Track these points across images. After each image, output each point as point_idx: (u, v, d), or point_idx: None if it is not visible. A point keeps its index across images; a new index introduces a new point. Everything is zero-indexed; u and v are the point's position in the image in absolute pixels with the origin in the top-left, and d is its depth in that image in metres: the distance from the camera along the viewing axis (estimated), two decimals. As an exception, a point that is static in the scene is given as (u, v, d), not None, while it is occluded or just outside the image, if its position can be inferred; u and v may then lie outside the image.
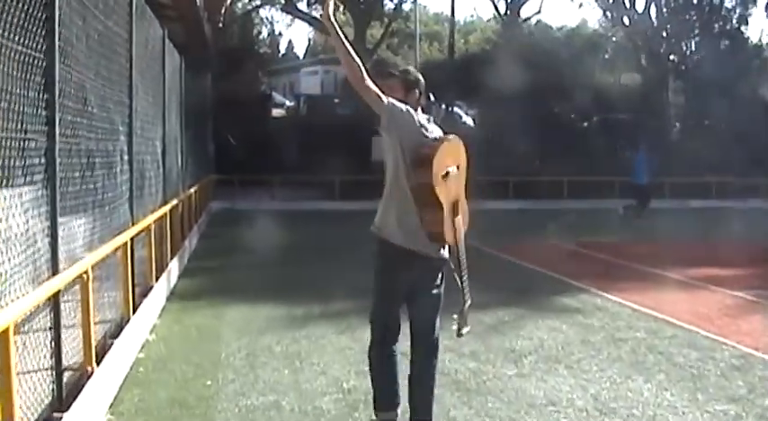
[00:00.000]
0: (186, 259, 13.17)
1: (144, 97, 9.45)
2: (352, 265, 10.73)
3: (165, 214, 10.54)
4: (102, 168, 6.84)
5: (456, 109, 38.95)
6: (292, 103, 45.33)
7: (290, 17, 45.14)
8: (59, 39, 5.18)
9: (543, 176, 28.59)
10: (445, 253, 5.00)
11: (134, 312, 7.47)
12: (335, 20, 4.71)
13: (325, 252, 15.09)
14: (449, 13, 34.90)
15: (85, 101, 6.15)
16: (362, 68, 4.70)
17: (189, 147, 16.89)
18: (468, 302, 5.11)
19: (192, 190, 16.17)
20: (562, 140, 30.77)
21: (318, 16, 5.26)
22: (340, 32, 4.70)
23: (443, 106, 37.71)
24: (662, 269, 13.22)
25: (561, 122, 33.31)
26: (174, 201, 11.95)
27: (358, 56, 4.74)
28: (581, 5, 58.49)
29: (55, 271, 4.99)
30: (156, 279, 9.25)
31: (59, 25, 5.17)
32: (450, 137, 4.99)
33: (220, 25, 35.98)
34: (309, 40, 73.80)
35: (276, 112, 41.37)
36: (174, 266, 11.10)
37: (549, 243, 17.29)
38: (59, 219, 5.19)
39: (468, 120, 39.58)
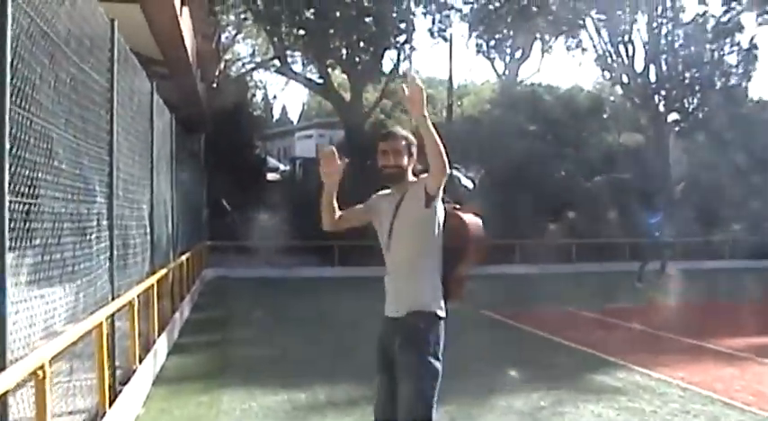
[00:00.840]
0: (177, 333, 12.00)
1: (128, 155, 8.43)
2: (356, 340, 9.67)
3: (153, 285, 9.40)
4: (74, 235, 5.77)
5: (455, 172, 38.25)
6: (287, 167, 44.67)
7: (283, 81, 44.51)
8: (13, 74, 4.16)
9: (548, 239, 27.48)
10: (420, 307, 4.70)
11: (111, 404, 6.28)
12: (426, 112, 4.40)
13: (327, 324, 13.85)
14: (441, 77, 34.09)
15: (51, 153, 5.11)
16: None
17: (180, 211, 15.85)
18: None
19: (184, 257, 15.07)
20: (566, 201, 29.86)
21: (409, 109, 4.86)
22: (429, 124, 4.40)
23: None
24: (698, 338, 12.06)
25: (565, 183, 32.32)
26: (164, 271, 10.83)
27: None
28: (580, 64, 58.08)
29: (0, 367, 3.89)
30: (141, 360, 8.10)
31: (13, 55, 4.15)
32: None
33: (214, 86, 35.43)
34: (303, 104, 73.79)
35: (271, 177, 40.60)
36: (162, 344, 9.94)
37: (566, 310, 16.14)
38: (12, 297, 4.13)
39: (468, 183, 38.71)
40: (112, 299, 6.89)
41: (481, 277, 25.02)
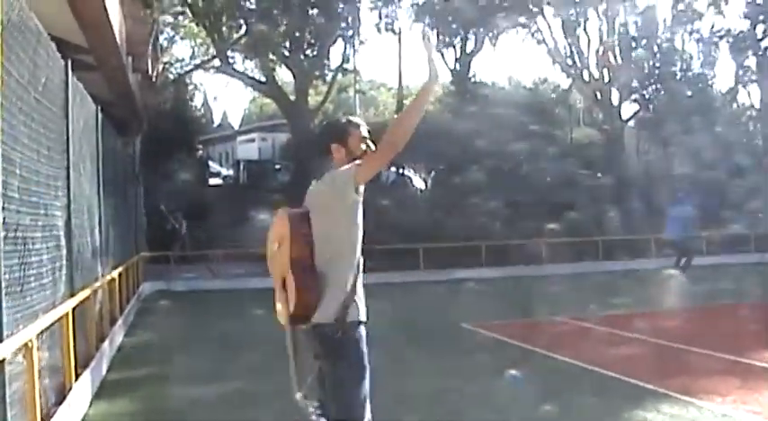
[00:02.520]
0: (105, 368, 9.91)
1: (30, 146, 6.42)
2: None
3: (67, 314, 7.36)
4: None
5: (407, 172, 36.76)
6: (230, 172, 42.84)
7: (224, 84, 42.62)
8: None
9: (514, 240, 25.76)
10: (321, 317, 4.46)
11: None
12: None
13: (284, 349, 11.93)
14: (386, 81, 32.55)
15: None
16: None
17: (111, 219, 13.80)
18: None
19: (117, 272, 12.98)
20: (529, 200, 28.23)
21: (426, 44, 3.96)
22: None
23: (393, 169, 35.44)
24: (726, 351, 10.25)
25: (525, 181, 30.63)
26: (86, 292, 8.78)
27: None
28: (532, 58, 56.63)
29: None
30: (49, 418, 6.10)
31: None
32: (281, 212, 4.68)
33: (153, 83, 33.25)
34: (245, 110, 72.15)
35: (214, 181, 38.64)
36: (83, 386, 7.90)
37: (560, 320, 14.30)
38: None
39: (419, 184, 37.28)
40: None
41: (446, 283, 24.28)
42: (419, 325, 13.71)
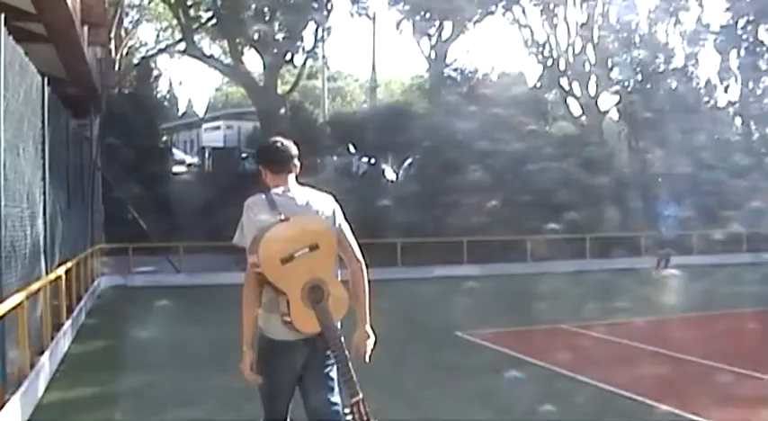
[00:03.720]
0: (42, 387, 8.26)
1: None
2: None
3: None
4: None
5: (383, 166, 35.37)
6: (195, 160, 41.26)
7: (189, 70, 40.99)
8: None
9: (497, 235, 24.41)
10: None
11: None
12: None
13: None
14: (351, 72, 31.28)
15: None
16: (248, 296, 4.41)
17: (60, 209, 12.27)
18: (360, 396, 4.16)
19: (65, 268, 11.40)
20: (509, 195, 26.87)
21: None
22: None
23: (365, 160, 34.10)
24: (755, 368, 9.01)
25: (503, 176, 29.18)
26: (18, 297, 7.25)
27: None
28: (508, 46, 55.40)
29: None
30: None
31: None
32: (299, 215, 4.39)
33: (112, 61, 31.67)
34: (210, 98, 70.59)
35: (178, 169, 36.96)
36: (9, 416, 6.40)
37: (560, 327, 12.88)
38: None
39: (390, 175, 35.93)
40: None
41: (427, 281, 22.86)
42: (406, 333, 12.01)
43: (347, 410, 4.22)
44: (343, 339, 4.25)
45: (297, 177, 4.66)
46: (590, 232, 25.60)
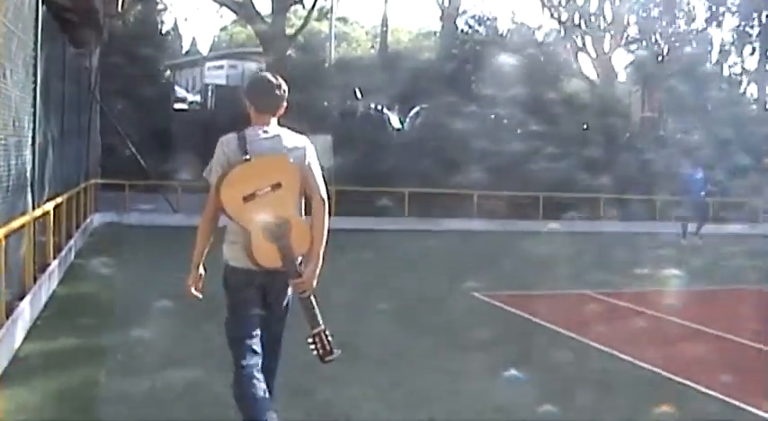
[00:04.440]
0: (21, 335, 7.46)
1: None
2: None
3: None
4: None
5: (386, 111, 34.40)
6: (197, 98, 40.33)
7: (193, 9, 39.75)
8: None
9: (505, 191, 23.60)
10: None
11: None
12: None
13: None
14: (356, 18, 30.18)
15: None
16: (203, 224, 4.75)
17: (51, 139, 11.46)
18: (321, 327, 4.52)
19: (54, 203, 10.58)
20: (518, 153, 25.94)
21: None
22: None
23: (372, 105, 33.10)
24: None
25: (513, 134, 28.20)
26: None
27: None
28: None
29: None
30: None
31: None
32: (266, 155, 4.58)
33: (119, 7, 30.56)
34: (214, 37, 69.54)
35: (178, 107, 36.01)
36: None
37: (577, 292, 12.13)
38: None
39: (396, 123, 34.97)
40: None
41: (435, 234, 22.08)
42: (421, 293, 11.33)
43: (309, 340, 4.51)
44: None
45: (280, 118, 4.79)
46: (606, 193, 24.77)
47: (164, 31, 44.44)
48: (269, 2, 32.92)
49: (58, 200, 11.08)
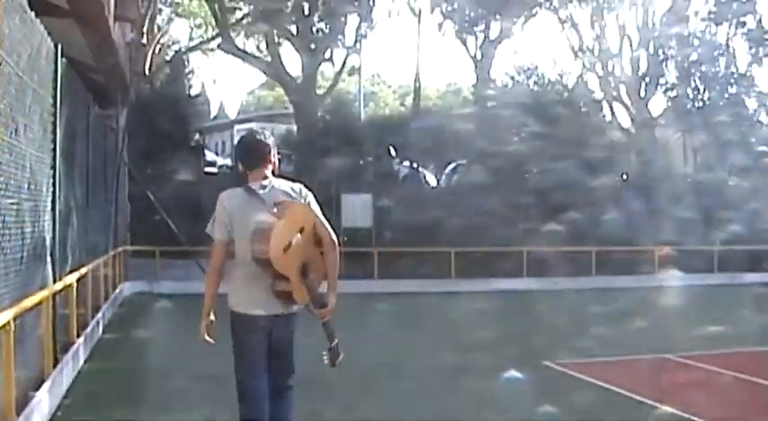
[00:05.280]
0: None
1: None
2: None
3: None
4: None
5: (421, 169, 33.52)
6: (226, 161, 39.81)
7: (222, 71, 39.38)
8: None
9: (551, 247, 22.37)
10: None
11: None
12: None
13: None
14: (383, 77, 29.50)
15: None
16: (211, 276, 5.15)
17: (78, 205, 10.52)
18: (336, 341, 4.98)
19: (78, 274, 9.56)
20: (569, 206, 24.72)
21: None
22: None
23: (407, 163, 32.23)
24: None
25: (555, 187, 26.98)
26: (6, 315, 5.40)
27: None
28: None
29: None
30: None
31: None
32: (288, 206, 4.96)
33: (146, 64, 30.06)
34: (242, 102, 69.83)
35: (208, 170, 35.35)
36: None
37: (654, 356, 10.74)
38: None
39: (432, 181, 34.06)
40: None
41: (485, 295, 20.53)
42: (486, 363, 10.06)
43: (324, 352, 4.94)
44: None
45: (274, 170, 5.16)
46: (656, 244, 23.51)
47: (192, 94, 44.23)
48: (298, 62, 32.37)
49: (83, 270, 10.07)
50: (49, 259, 8.00)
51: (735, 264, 23.82)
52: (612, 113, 35.55)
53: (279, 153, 18.88)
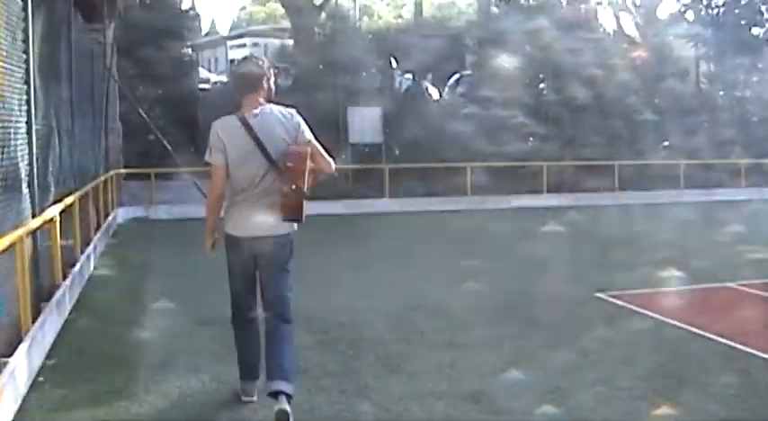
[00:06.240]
0: (13, 406, 5.12)
1: None
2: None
3: None
4: None
5: (424, 82, 32.16)
6: (220, 77, 38.61)
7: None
8: None
9: (569, 161, 21.21)
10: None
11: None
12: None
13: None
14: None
15: None
16: (214, 200, 5.17)
17: (62, 127, 9.33)
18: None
19: (63, 204, 8.36)
20: (583, 119, 23.46)
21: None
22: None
23: (408, 75, 30.83)
24: None
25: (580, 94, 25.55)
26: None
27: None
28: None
29: None
30: None
31: None
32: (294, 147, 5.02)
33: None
34: (233, 19, 68.61)
35: (202, 87, 34.07)
36: None
37: (717, 285, 9.60)
38: None
39: (434, 93, 32.71)
40: None
41: (508, 213, 18.69)
42: (530, 297, 8.81)
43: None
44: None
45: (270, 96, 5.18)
46: (686, 158, 22.34)
47: (183, 8, 42.62)
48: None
49: (69, 199, 8.88)
50: (25, 190, 6.83)
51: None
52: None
53: (276, 67, 17.29)
